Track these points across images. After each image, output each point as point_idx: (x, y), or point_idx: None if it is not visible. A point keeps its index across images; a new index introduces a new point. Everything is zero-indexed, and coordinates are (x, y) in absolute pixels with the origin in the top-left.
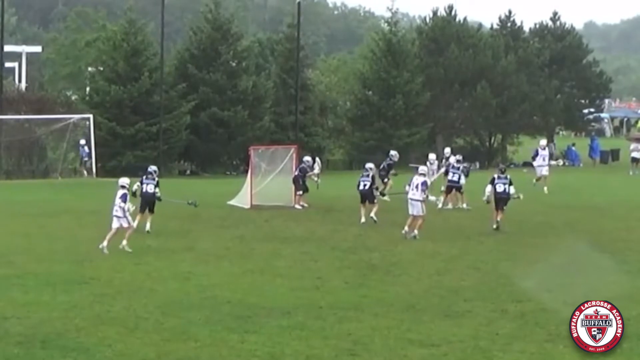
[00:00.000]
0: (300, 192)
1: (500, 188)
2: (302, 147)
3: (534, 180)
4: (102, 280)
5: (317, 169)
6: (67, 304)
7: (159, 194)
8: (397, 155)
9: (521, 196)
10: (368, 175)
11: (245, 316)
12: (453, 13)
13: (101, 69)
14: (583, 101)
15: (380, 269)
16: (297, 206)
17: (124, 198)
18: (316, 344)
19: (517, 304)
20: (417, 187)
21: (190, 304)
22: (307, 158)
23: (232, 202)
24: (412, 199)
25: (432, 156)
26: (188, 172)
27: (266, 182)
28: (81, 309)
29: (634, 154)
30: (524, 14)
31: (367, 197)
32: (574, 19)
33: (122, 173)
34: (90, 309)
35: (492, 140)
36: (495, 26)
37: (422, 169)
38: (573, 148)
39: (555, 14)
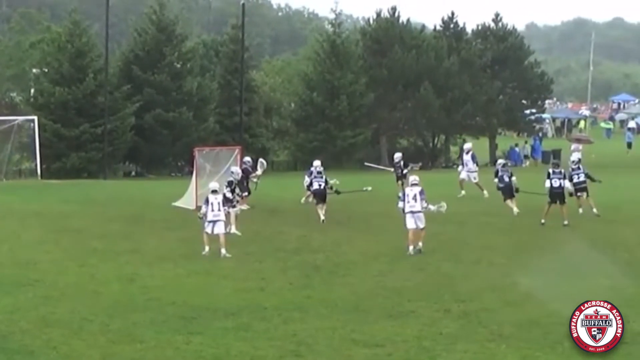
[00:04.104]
0: (246, 193)
1: (555, 183)
2: (246, 148)
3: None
4: (46, 283)
5: (259, 170)
6: (11, 306)
7: None
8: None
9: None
10: (322, 176)
11: (190, 317)
12: (396, 14)
13: (46, 70)
14: (525, 102)
15: (324, 270)
16: (243, 207)
17: (224, 202)
18: (261, 345)
19: (460, 303)
20: (414, 198)
21: (135, 305)
22: (247, 159)
23: (177, 204)
24: (413, 212)
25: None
26: (133, 173)
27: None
28: (26, 312)
29: (575, 155)
30: (466, 16)
31: (322, 196)
32: (516, 20)
33: (67, 175)
34: (35, 311)
35: (436, 141)
36: (438, 27)
37: (414, 178)
38: (516, 149)
39: (497, 15)
